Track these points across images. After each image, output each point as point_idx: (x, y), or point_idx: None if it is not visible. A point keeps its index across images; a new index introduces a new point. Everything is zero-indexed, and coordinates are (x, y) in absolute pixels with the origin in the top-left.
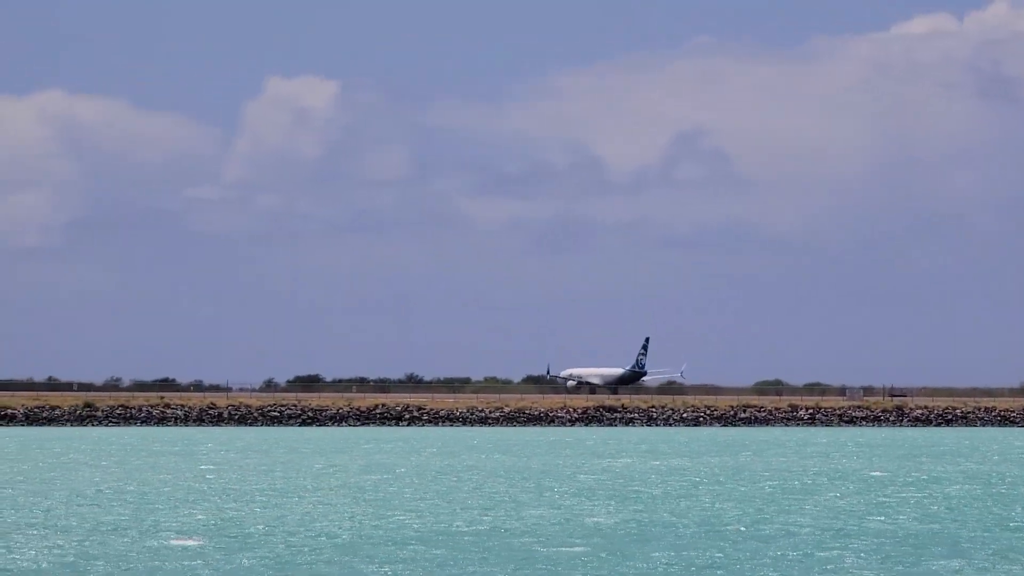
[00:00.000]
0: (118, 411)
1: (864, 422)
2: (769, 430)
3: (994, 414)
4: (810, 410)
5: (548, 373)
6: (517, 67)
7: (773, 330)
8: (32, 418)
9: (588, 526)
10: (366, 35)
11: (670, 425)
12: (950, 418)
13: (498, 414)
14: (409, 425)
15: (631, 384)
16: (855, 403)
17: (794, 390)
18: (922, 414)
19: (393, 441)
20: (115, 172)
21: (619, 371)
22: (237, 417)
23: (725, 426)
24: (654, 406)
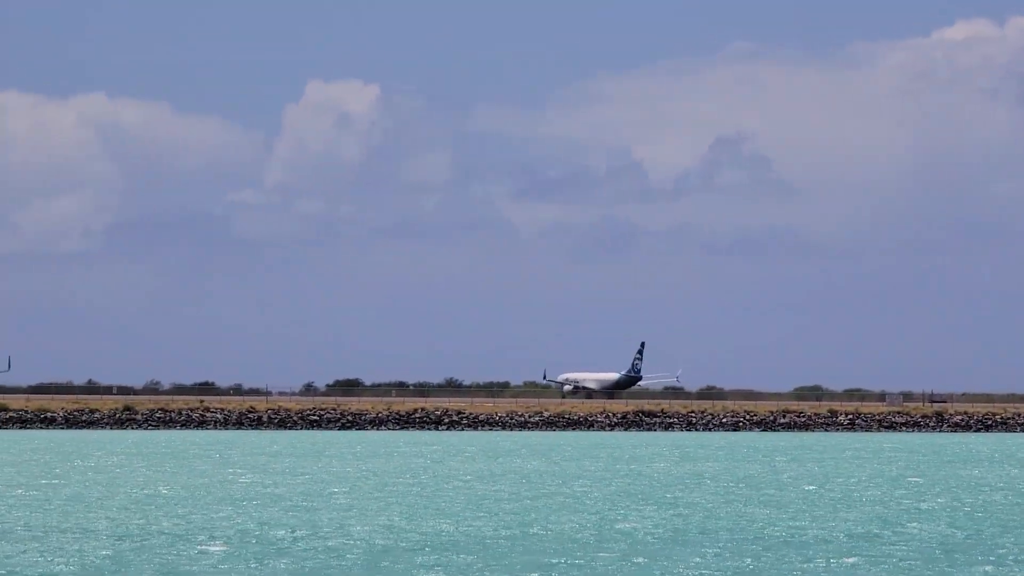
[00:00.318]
0: (157, 414)
1: (903, 427)
2: (808, 435)
3: None
4: (850, 415)
5: (544, 377)
6: (559, 72)
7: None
8: (72, 421)
9: (620, 531)
10: (407, 39)
11: (710, 430)
12: (989, 424)
13: (537, 419)
14: (448, 429)
15: (627, 388)
16: (895, 408)
17: (834, 395)
18: (961, 420)
19: (432, 445)
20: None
21: (615, 375)
22: (276, 421)
23: (765, 431)
24: (693, 411)
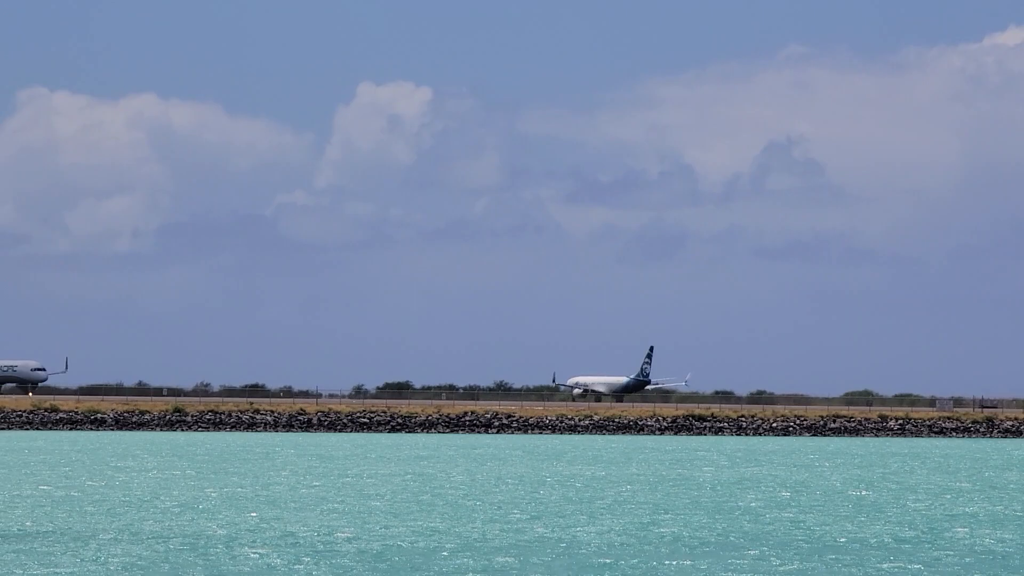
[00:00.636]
0: (207, 416)
1: (954, 433)
2: (858, 440)
3: None
4: (900, 421)
5: (554, 381)
6: (610, 75)
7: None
8: (122, 422)
9: (662, 536)
10: (458, 42)
11: (760, 434)
12: None
13: (587, 422)
14: (498, 433)
15: (635, 393)
16: (945, 414)
17: (884, 400)
18: (1012, 426)
19: (479, 448)
20: (207, 177)
21: (624, 379)
22: (326, 423)
23: (815, 436)
24: (743, 415)
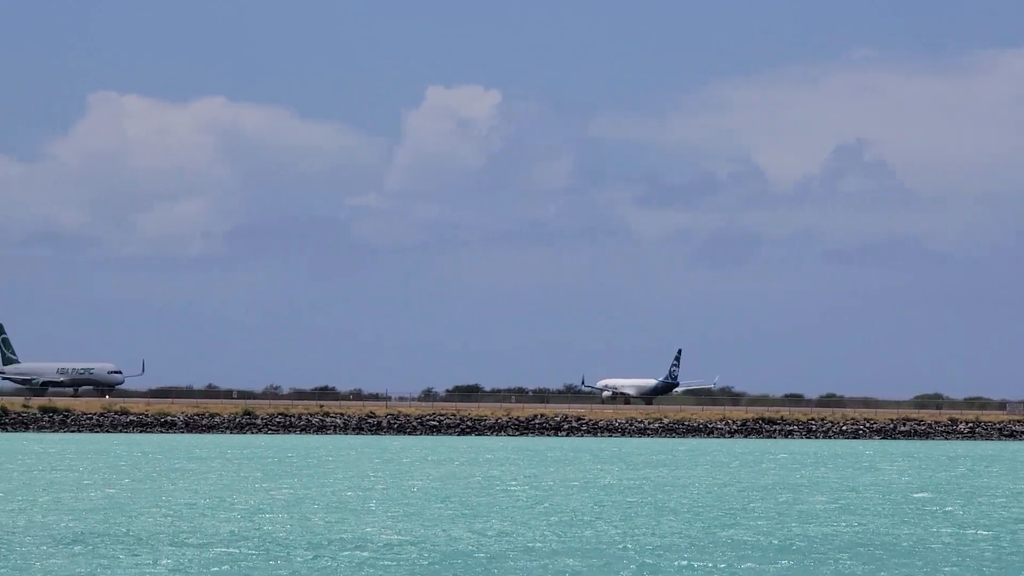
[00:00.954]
0: (277, 419)
1: None
2: (928, 444)
3: None
4: (970, 424)
5: (583, 383)
6: (680, 78)
7: (933, 343)
8: (192, 425)
9: (723, 540)
10: (528, 45)
11: (829, 438)
12: None
13: (656, 425)
14: (568, 436)
15: (664, 395)
16: (1015, 417)
17: (954, 404)
18: None
19: (552, 450)
20: (277, 180)
21: (652, 382)
22: (396, 426)
23: (884, 439)
24: (813, 419)
